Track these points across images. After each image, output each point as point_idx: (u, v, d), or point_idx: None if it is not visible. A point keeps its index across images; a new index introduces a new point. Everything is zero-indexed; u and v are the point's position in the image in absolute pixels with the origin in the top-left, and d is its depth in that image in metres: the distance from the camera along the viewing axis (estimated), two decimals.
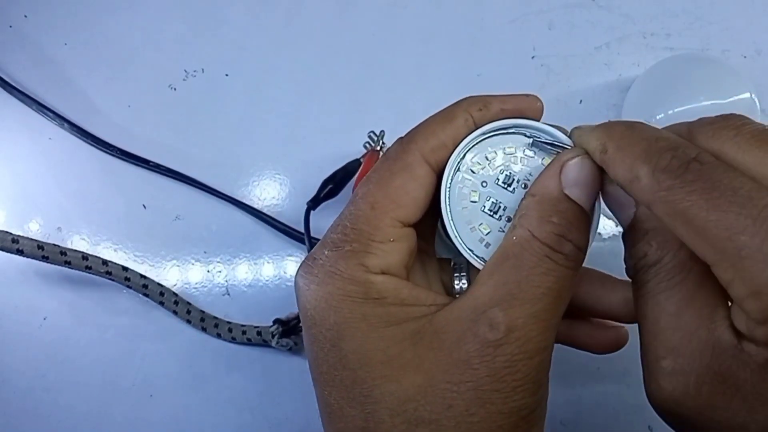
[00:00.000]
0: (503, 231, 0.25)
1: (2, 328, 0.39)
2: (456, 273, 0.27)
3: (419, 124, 0.26)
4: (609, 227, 0.40)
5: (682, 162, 0.19)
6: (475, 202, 0.25)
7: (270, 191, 0.41)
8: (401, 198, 0.24)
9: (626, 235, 0.23)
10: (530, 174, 0.25)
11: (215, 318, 0.38)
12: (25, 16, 0.43)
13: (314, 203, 0.37)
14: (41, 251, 0.35)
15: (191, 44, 0.42)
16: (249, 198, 0.40)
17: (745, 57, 0.41)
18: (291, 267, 0.40)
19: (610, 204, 0.24)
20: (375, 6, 0.43)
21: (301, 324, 0.25)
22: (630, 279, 0.23)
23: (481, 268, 0.24)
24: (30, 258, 0.35)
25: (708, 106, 0.36)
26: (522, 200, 0.24)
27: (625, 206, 0.23)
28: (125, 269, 0.37)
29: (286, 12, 0.43)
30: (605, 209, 0.24)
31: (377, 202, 0.24)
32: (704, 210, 0.18)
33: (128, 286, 0.38)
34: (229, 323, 0.38)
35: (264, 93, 0.42)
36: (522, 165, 0.25)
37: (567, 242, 0.22)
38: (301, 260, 0.26)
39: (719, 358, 0.19)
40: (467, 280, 0.27)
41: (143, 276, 0.38)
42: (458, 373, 0.22)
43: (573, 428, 0.38)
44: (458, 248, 0.25)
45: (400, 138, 0.26)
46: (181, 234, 0.40)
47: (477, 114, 0.25)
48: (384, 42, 0.42)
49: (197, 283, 0.40)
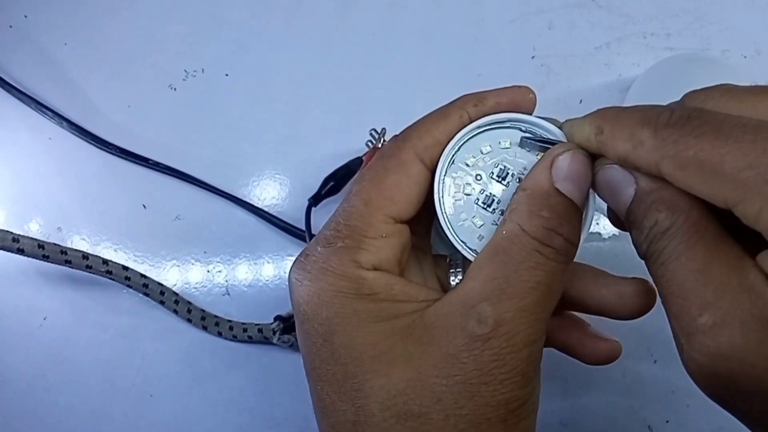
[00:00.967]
0: (497, 224, 0.25)
1: (2, 328, 0.39)
2: (452, 269, 0.27)
3: (414, 123, 0.26)
4: (609, 227, 0.40)
5: (683, 115, 0.19)
6: (469, 195, 0.25)
7: (270, 191, 0.41)
8: (395, 195, 0.24)
9: (630, 215, 0.22)
10: (525, 168, 0.25)
11: (216, 317, 0.39)
12: (26, 16, 0.43)
13: (315, 200, 0.37)
14: (42, 250, 0.35)
15: (191, 44, 0.42)
16: (249, 198, 0.40)
17: (745, 57, 0.41)
18: None
19: (606, 191, 0.23)
20: (375, 6, 0.43)
21: (294, 319, 0.25)
22: (643, 259, 0.22)
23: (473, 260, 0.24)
24: (30, 257, 0.35)
25: None
26: (513, 195, 0.24)
27: (624, 186, 0.22)
28: (125, 269, 0.37)
29: (286, 12, 0.43)
30: (600, 205, 0.24)
31: (371, 199, 0.24)
32: (717, 148, 0.18)
33: (128, 286, 0.38)
34: (230, 321, 0.38)
35: (264, 93, 0.42)
36: (517, 159, 0.25)
37: (557, 236, 0.22)
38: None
39: (758, 302, 0.18)
40: (463, 276, 0.27)
41: (143, 275, 0.38)
42: (447, 367, 0.22)
43: (573, 429, 0.38)
44: (451, 240, 0.25)
45: (395, 136, 0.26)
46: (181, 234, 0.40)
47: (472, 110, 0.25)
48: (384, 42, 0.42)
49: (197, 283, 0.40)
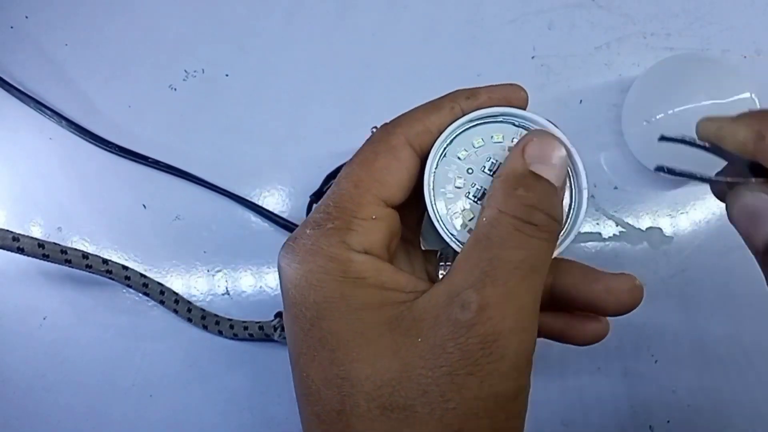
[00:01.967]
0: None
1: (2, 328, 0.39)
2: (441, 263, 0.27)
3: (405, 112, 0.26)
4: (610, 227, 0.40)
5: None
6: (460, 188, 0.25)
7: (270, 190, 0.40)
8: (384, 177, 0.24)
9: None
10: None
11: (216, 315, 0.38)
12: (26, 17, 0.43)
13: (317, 197, 0.38)
14: (42, 249, 0.35)
15: (191, 44, 0.42)
16: (249, 197, 0.40)
17: (745, 57, 0.41)
18: None
19: (744, 218, 0.21)
20: (375, 6, 0.43)
21: (283, 303, 0.25)
22: None
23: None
24: (30, 256, 0.35)
25: (708, 106, 0.36)
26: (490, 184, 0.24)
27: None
28: (125, 268, 0.37)
29: (286, 12, 0.43)
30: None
31: (360, 181, 0.24)
32: None
33: (128, 286, 0.38)
34: (230, 320, 0.38)
35: (264, 93, 0.42)
36: (509, 153, 0.25)
37: (537, 211, 0.22)
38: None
39: None
40: None
41: (143, 275, 0.38)
42: (432, 359, 0.21)
43: (574, 429, 0.38)
44: (440, 232, 0.24)
45: (385, 123, 0.26)
46: (181, 234, 0.40)
47: (465, 103, 0.25)
48: (384, 41, 0.42)
49: (197, 283, 0.40)
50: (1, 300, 0.39)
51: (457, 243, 0.24)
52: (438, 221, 0.25)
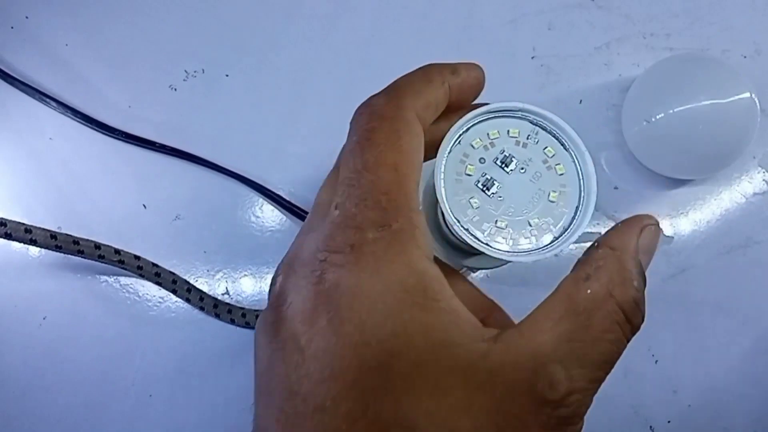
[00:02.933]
0: (491, 207, 0.24)
1: (2, 328, 0.39)
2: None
3: (399, 82, 0.23)
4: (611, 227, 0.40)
5: None
6: (470, 176, 0.25)
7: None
8: (415, 158, 0.21)
9: None
10: (530, 159, 0.25)
11: (228, 304, 0.39)
12: (27, 17, 0.43)
13: None
14: (54, 241, 0.35)
15: (191, 44, 0.42)
16: (249, 197, 0.40)
17: (745, 57, 0.41)
18: None
19: None
20: (374, 6, 0.43)
21: (335, 339, 0.19)
22: None
23: (467, 239, 0.24)
24: (43, 248, 0.35)
25: (708, 106, 0.36)
26: (596, 250, 0.21)
27: None
28: (137, 258, 0.37)
29: (286, 12, 0.43)
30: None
31: (398, 164, 0.20)
32: None
33: (141, 275, 0.38)
34: (242, 308, 0.39)
35: (264, 93, 0.42)
36: (522, 149, 0.25)
37: (639, 314, 0.20)
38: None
39: None
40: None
41: (155, 264, 0.38)
42: (509, 428, 0.19)
43: None
44: (445, 214, 0.24)
45: (385, 93, 0.23)
46: (181, 234, 0.40)
47: (450, 77, 0.24)
48: (383, 41, 0.42)
49: (197, 283, 0.40)
50: (1, 300, 0.39)
51: (462, 229, 0.24)
52: (444, 203, 0.24)
